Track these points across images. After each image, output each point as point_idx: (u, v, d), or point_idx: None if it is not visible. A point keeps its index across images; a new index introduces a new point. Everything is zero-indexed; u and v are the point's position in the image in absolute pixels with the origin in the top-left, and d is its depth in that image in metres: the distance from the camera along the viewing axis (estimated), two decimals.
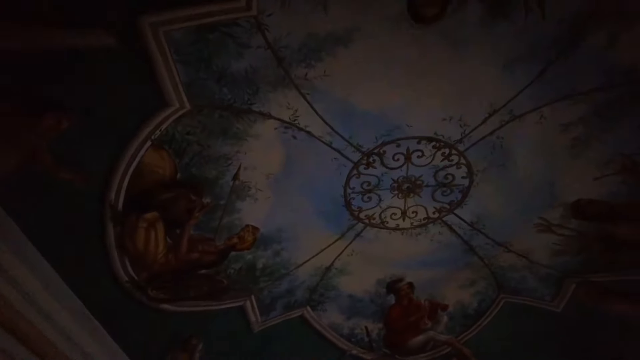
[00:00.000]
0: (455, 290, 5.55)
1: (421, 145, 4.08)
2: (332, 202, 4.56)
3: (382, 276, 5.46)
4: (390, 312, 5.80)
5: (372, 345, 6.09)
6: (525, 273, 5.22)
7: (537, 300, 5.52)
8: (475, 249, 5.03)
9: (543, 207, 4.49)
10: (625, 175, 3.95)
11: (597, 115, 3.70)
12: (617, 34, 3.23)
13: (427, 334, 5.94)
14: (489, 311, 5.70)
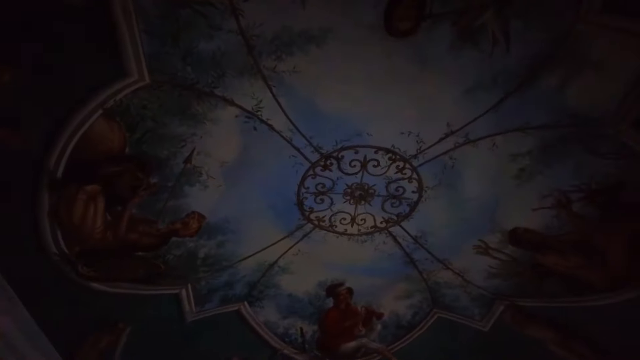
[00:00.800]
0: (392, 301, 5.68)
1: (378, 155, 4.16)
2: (284, 200, 4.54)
3: (323, 279, 5.49)
4: (327, 316, 5.84)
5: (304, 347, 6.09)
6: (459, 291, 5.44)
7: (467, 318, 5.77)
8: (416, 263, 5.19)
9: (483, 231, 4.71)
10: (559, 210, 4.23)
11: (543, 150, 3.94)
12: (568, 79, 3.47)
13: (360, 340, 6.02)
14: (422, 324, 5.88)
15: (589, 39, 3.22)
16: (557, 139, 3.83)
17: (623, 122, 3.54)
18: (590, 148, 3.78)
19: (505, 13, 3.19)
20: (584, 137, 3.74)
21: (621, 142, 3.65)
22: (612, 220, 4.07)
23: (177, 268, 4.75)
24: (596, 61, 3.33)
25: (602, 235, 4.15)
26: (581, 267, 4.42)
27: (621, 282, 4.22)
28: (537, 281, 4.83)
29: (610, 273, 4.25)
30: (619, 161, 3.76)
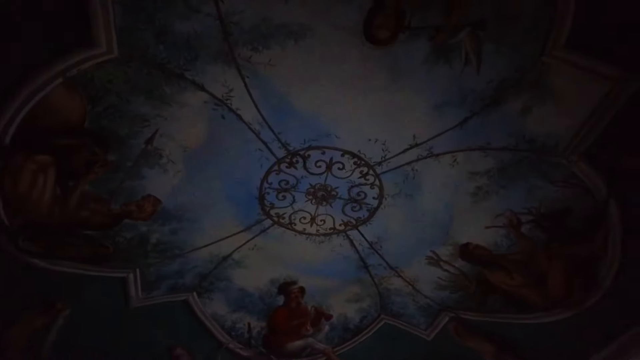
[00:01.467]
0: (342, 303, 5.74)
1: (344, 158, 4.20)
2: (246, 193, 4.48)
3: (277, 276, 5.47)
4: (276, 313, 5.82)
5: (250, 342, 6.04)
6: (408, 299, 5.57)
7: (412, 326, 5.92)
8: (369, 268, 5.27)
9: (437, 243, 4.85)
10: (509, 230, 4.43)
11: (500, 172, 4.12)
12: (530, 106, 3.64)
13: (307, 340, 6.04)
14: (368, 329, 5.97)
15: (552, 71, 3.40)
16: (514, 162, 4.01)
17: (574, 154, 3.76)
18: (543, 174, 3.99)
19: (479, 35, 3.31)
20: (539, 163, 3.94)
21: (571, 172, 3.87)
22: (556, 244, 4.30)
23: (127, 251, 4.59)
24: (557, 93, 3.52)
25: (545, 258, 4.38)
26: (523, 286, 4.65)
27: (556, 303, 4.46)
28: (482, 296, 5.03)
29: (548, 294, 4.49)
30: (568, 189, 3.99)
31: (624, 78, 3.27)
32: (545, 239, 4.33)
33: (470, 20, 3.24)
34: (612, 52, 3.22)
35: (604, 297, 4.13)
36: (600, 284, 4.11)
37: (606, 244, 3.96)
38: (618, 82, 3.30)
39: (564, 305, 4.43)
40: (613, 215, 3.83)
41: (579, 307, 4.33)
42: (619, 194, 3.75)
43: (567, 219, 4.13)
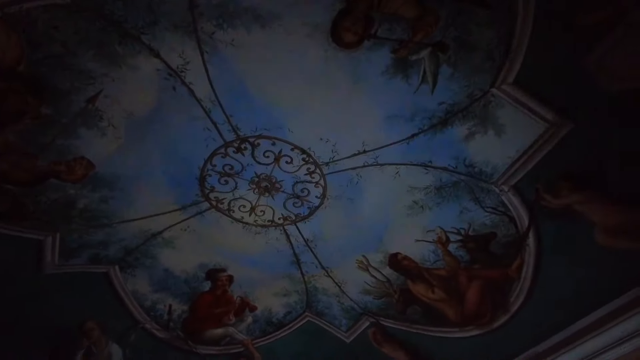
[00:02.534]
0: (269, 296, 5.73)
1: (293, 153, 4.20)
2: (187, 172, 4.35)
3: (206, 261, 5.34)
4: (200, 298, 5.69)
5: (169, 325, 5.86)
6: (333, 300, 5.68)
7: (334, 327, 6.04)
8: (301, 264, 5.31)
9: (369, 248, 4.99)
10: (437, 246, 4.66)
11: (437, 190, 4.32)
12: (474, 133, 3.86)
13: (227, 329, 5.97)
14: (291, 325, 6.00)
15: (498, 104, 3.62)
16: (451, 183, 4.22)
17: (506, 184, 4.03)
18: (475, 198, 4.24)
19: (439, 57, 3.46)
20: (474, 188, 4.18)
21: (500, 201, 4.15)
22: (477, 266, 4.58)
23: (49, 213, 4.29)
24: (499, 125, 3.75)
25: (466, 277, 4.64)
26: (442, 301, 4.90)
27: (469, 321, 4.75)
28: (403, 305, 5.23)
29: (463, 311, 4.77)
30: (495, 216, 4.26)
31: (557, 123, 3.55)
32: (469, 260, 4.59)
33: (433, 41, 3.37)
34: (551, 97, 3.49)
35: (511, 319, 4.44)
36: (509, 308, 4.42)
37: (520, 271, 4.27)
38: (552, 125, 3.58)
39: (476, 324, 4.72)
40: (530, 247, 4.14)
41: (488, 326, 4.63)
42: (538, 228, 4.06)
43: (491, 243, 4.41)
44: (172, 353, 5.89)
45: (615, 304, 3.62)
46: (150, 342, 5.80)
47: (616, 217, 3.62)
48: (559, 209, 3.85)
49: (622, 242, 3.60)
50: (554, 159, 3.75)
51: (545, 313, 4.16)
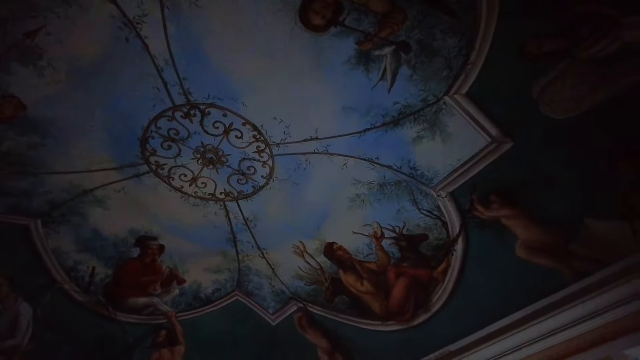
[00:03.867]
0: (199, 271, 5.62)
1: (244, 128, 4.11)
2: (128, 130, 4.12)
3: (138, 226, 5.13)
4: (127, 264, 5.46)
5: (89, 288, 5.58)
6: (265, 281, 5.68)
7: (262, 308, 6.05)
8: (237, 243, 5.25)
9: (307, 235, 5.03)
10: (372, 240, 4.78)
11: (380, 186, 4.43)
12: (422, 137, 3.98)
13: (152, 299, 5.79)
14: (219, 302, 5.93)
15: (449, 112, 3.77)
16: (394, 182, 4.34)
17: (444, 190, 4.21)
18: (414, 200, 4.39)
19: (401, 57, 3.52)
20: (414, 189, 4.33)
21: (437, 205, 4.33)
22: (406, 264, 4.76)
23: None
24: (447, 133, 3.91)
25: (394, 274, 4.81)
26: (369, 293, 5.05)
27: (392, 316, 4.93)
28: (332, 294, 5.34)
29: (388, 306, 4.95)
30: (430, 219, 4.45)
31: (499, 140, 3.75)
32: (399, 257, 4.77)
33: (398, 40, 3.42)
34: (497, 114, 3.67)
35: (430, 319, 4.67)
36: (430, 308, 4.64)
37: (445, 274, 4.50)
38: (494, 141, 3.78)
39: (397, 319, 4.91)
40: (457, 252, 4.37)
41: (408, 323, 4.84)
42: (467, 235, 4.29)
43: (422, 244, 4.60)
44: (90, 317, 5.61)
45: (523, 313, 3.91)
46: (66, 304, 5.49)
47: (537, 236, 3.91)
48: (488, 220, 4.09)
49: (538, 259, 3.89)
50: (491, 173, 3.96)
51: (462, 316, 4.42)
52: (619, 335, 3.33)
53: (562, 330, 3.67)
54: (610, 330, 3.39)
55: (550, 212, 3.83)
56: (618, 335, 3.34)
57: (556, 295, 3.73)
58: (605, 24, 3.06)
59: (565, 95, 3.45)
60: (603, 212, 3.59)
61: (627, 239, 3.47)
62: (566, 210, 3.74)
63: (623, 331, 3.32)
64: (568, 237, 3.76)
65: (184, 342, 6.01)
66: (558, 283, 3.74)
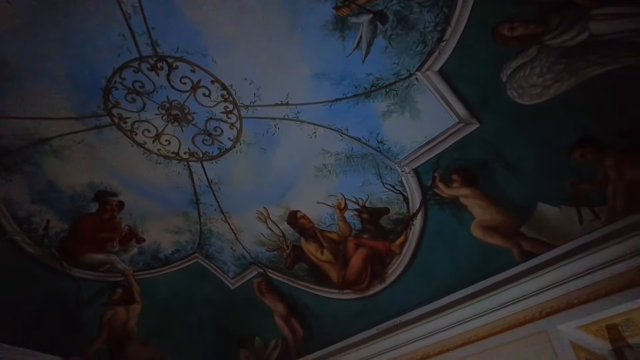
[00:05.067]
0: (160, 231, 5.54)
1: (213, 86, 3.99)
2: (91, 78, 3.90)
3: (97, 181, 4.95)
4: (84, 219, 5.29)
5: (43, 241, 5.40)
6: (226, 246, 5.67)
7: (222, 272, 6.08)
8: (200, 205, 5.19)
9: (271, 202, 5.04)
10: (335, 211, 4.84)
11: (347, 158, 4.45)
12: (392, 112, 4.00)
13: (109, 256, 5.68)
14: (178, 263, 5.90)
15: (420, 89, 3.79)
16: (361, 154, 4.38)
17: (408, 166, 4.28)
18: (378, 174, 4.46)
19: (377, 27, 3.48)
20: (379, 163, 4.38)
21: (400, 180, 4.41)
22: (366, 236, 4.86)
23: None
24: (416, 109, 3.95)
25: (354, 245, 4.91)
26: (329, 262, 5.15)
27: (348, 285, 5.06)
28: (292, 261, 5.42)
29: (346, 275, 5.07)
30: (392, 194, 4.53)
31: (466, 120, 3.82)
32: (360, 229, 4.86)
33: (375, 9, 3.37)
34: (467, 94, 3.73)
35: (384, 289, 4.82)
36: (386, 279, 4.79)
37: (402, 248, 4.63)
38: (461, 121, 3.85)
39: (353, 288, 5.05)
40: (415, 227, 4.49)
41: (363, 292, 4.99)
42: (426, 212, 4.40)
43: (383, 218, 4.70)
44: (43, 272, 5.45)
45: (473, 289, 4.09)
46: (17, 257, 5.30)
47: (492, 216, 4.07)
48: (448, 198, 4.22)
49: (491, 238, 4.06)
50: (455, 153, 4.06)
51: (415, 288, 4.58)
52: (554, 311, 3.57)
53: (507, 305, 3.87)
54: (547, 307, 3.62)
55: (507, 195, 3.98)
56: (554, 311, 3.57)
57: (505, 274, 3.91)
58: (575, 14, 3.12)
59: (532, 81, 3.54)
60: (555, 198, 3.77)
61: (573, 225, 3.67)
62: (522, 194, 3.90)
63: (558, 308, 3.55)
64: (521, 219, 3.93)
65: (141, 301, 5.98)
66: (508, 262, 3.92)
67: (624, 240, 3.33)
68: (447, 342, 4.15)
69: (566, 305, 3.53)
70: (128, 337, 6.01)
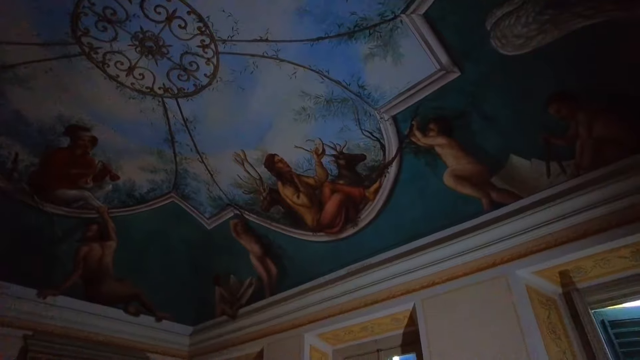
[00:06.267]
0: (135, 169, 5.47)
1: (189, 17, 3.78)
2: (57, 1, 3.65)
3: (68, 114, 4.77)
4: (55, 154, 5.15)
5: (12, 175, 5.27)
6: (202, 186, 5.67)
7: (198, 212, 6.12)
8: (175, 144, 5.10)
9: (249, 144, 4.98)
10: (313, 155, 4.85)
11: (327, 102, 4.38)
12: (374, 55, 3.92)
13: (83, 192, 5.62)
14: (153, 202, 5.90)
15: (404, 32, 3.69)
16: (341, 98, 4.31)
17: (387, 113, 4.27)
18: (357, 120, 4.43)
19: None
20: (359, 108, 4.34)
21: (378, 127, 4.41)
22: (342, 181, 4.92)
23: None
24: (399, 54, 3.87)
25: (330, 190, 4.99)
26: (304, 206, 5.24)
27: (322, 228, 5.20)
28: (268, 204, 5.48)
29: (320, 219, 5.18)
30: (370, 140, 4.54)
31: (448, 68, 3.78)
32: (336, 174, 4.91)
33: None
34: (450, 41, 3.67)
35: (356, 233, 4.97)
36: (358, 223, 4.92)
37: (376, 194, 4.72)
38: (442, 69, 3.81)
39: (327, 231, 5.18)
40: (390, 174, 4.56)
41: (336, 235, 5.13)
42: (401, 159, 4.46)
43: (359, 164, 4.74)
44: (13, 206, 5.37)
45: (439, 235, 4.26)
46: None
47: (465, 166, 4.15)
48: (423, 147, 4.27)
49: (462, 187, 4.17)
50: (434, 101, 4.05)
51: (386, 233, 4.73)
52: (514, 258, 3.77)
53: (472, 251, 4.06)
54: (508, 254, 3.82)
55: (482, 146, 4.04)
56: (514, 258, 3.78)
57: (472, 222, 4.07)
58: None
59: (517, 31, 3.49)
60: (527, 151, 3.85)
61: (541, 178, 3.79)
62: (496, 145, 3.97)
63: (518, 255, 3.76)
64: (493, 170, 4.03)
65: (116, 238, 6.02)
66: (476, 211, 4.07)
67: (584, 194, 3.48)
68: (413, 284, 4.37)
69: (525, 252, 3.73)
70: (104, 273, 6.11)
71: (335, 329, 4.97)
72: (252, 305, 5.98)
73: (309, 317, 5.22)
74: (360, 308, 4.73)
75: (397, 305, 4.42)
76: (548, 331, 3.50)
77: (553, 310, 3.69)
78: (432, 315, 4.07)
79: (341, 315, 4.88)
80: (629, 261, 3.43)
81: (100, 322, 5.99)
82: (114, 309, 6.17)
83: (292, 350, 5.13)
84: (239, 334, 6.08)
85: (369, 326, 4.80)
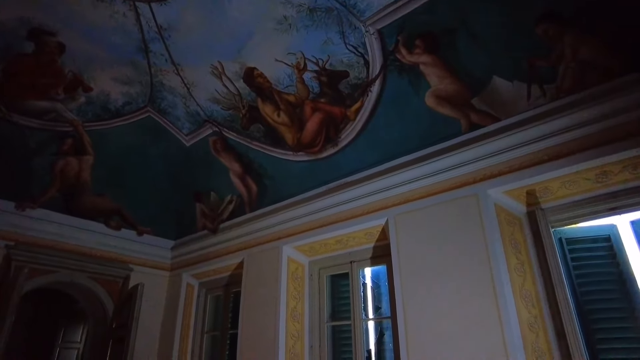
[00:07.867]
0: (108, 80, 5.22)
1: None
2: None
3: (30, 16, 4.39)
4: (19, 60, 4.84)
5: None
6: (179, 100, 5.49)
7: (175, 128, 6.01)
8: (149, 54, 4.83)
9: (227, 55, 4.75)
10: (294, 71, 4.69)
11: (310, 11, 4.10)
12: None
13: (54, 104, 5.40)
14: (129, 116, 5.74)
15: None
16: (325, 8, 4.06)
17: (373, 26, 4.09)
18: (342, 33, 4.23)
19: None
20: (344, 20, 4.13)
21: (363, 42, 4.24)
22: (323, 99, 4.84)
23: None
24: None
25: (311, 108, 4.92)
26: (284, 125, 5.19)
27: (302, 148, 5.21)
28: (248, 122, 5.40)
29: (300, 138, 5.17)
30: (354, 56, 4.39)
31: None
32: (318, 92, 4.80)
33: None
34: None
35: (336, 153, 5.00)
36: (338, 143, 4.93)
37: (357, 114, 4.69)
38: None
39: (307, 151, 5.20)
40: (372, 93, 4.49)
41: (316, 155, 5.16)
42: (385, 78, 4.37)
43: (342, 82, 4.63)
44: None
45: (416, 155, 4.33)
46: None
47: (448, 86, 4.11)
48: (408, 65, 4.17)
49: (443, 108, 4.17)
50: (421, 16, 3.88)
51: (365, 152, 4.78)
52: (487, 178, 3.91)
53: (447, 170, 4.15)
54: (481, 174, 3.95)
55: (466, 66, 3.97)
56: (487, 178, 3.91)
57: (449, 142, 4.13)
58: None
59: None
60: (510, 73, 3.81)
61: (521, 100, 3.80)
62: (481, 66, 3.90)
63: (491, 175, 3.89)
64: (474, 91, 4.01)
65: (93, 152, 5.94)
66: (455, 132, 4.11)
67: (560, 118, 3.53)
68: (387, 201, 4.52)
69: (498, 172, 3.86)
70: (82, 187, 6.11)
71: (312, 242, 5.21)
72: (232, 220, 6.14)
73: (288, 231, 5.43)
74: (337, 223, 4.92)
75: (371, 221, 4.61)
76: (511, 245, 3.76)
77: (517, 227, 3.92)
78: (404, 230, 4.28)
79: (318, 229, 5.08)
80: (592, 183, 3.60)
81: (82, 235, 6.11)
82: (96, 222, 6.26)
83: (271, 261, 5.40)
84: (220, 247, 6.32)
85: (344, 239, 5.04)
